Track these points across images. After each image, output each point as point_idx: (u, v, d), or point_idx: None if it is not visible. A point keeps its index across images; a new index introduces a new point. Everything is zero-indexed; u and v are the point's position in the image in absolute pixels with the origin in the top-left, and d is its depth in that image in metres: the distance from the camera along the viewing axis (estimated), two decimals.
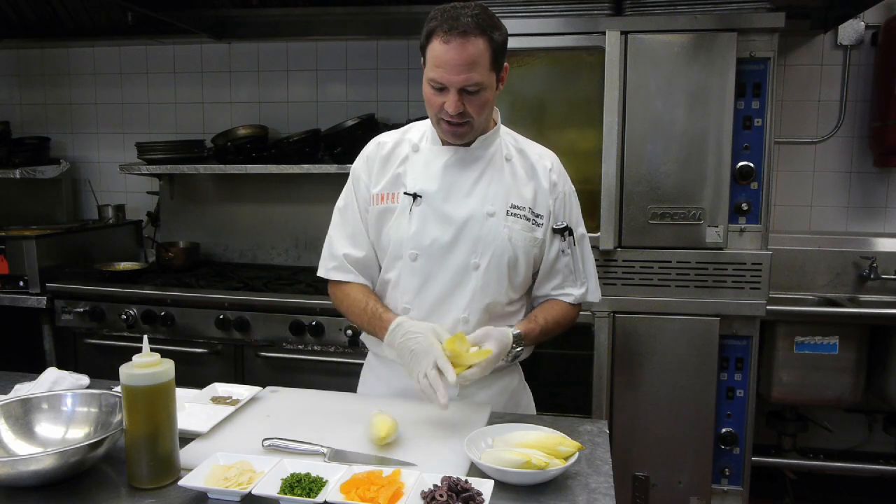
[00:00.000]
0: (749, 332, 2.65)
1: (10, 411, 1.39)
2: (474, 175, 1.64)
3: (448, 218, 1.61)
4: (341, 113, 3.48)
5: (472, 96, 1.51)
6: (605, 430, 1.52)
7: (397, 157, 1.68)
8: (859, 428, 3.25)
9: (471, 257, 1.61)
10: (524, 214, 1.64)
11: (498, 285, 1.63)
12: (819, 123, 3.25)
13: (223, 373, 2.90)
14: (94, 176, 3.91)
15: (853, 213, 3.28)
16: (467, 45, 1.45)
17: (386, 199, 1.66)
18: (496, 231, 1.61)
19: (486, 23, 1.48)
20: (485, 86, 1.51)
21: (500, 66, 1.55)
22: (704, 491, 2.68)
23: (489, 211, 1.61)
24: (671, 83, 2.52)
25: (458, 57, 1.46)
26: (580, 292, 1.73)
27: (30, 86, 3.94)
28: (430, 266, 1.62)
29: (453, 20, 1.46)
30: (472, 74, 1.47)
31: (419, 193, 1.62)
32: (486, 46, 1.48)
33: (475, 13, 1.48)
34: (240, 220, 3.68)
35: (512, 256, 1.62)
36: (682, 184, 2.56)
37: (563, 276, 1.71)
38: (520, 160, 1.69)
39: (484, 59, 1.48)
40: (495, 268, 1.62)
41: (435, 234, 1.61)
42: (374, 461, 1.31)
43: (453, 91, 1.49)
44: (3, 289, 3.10)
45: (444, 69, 1.48)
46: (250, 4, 3.36)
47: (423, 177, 1.64)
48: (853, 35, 3.14)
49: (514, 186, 1.65)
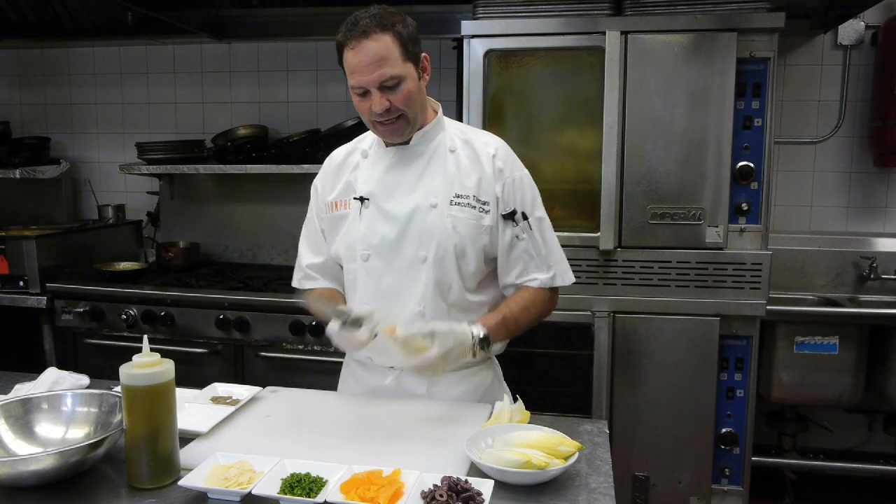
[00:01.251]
0: (749, 332, 2.65)
1: (10, 411, 1.39)
2: (417, 171, 1.66)
3: (393, 215, 1.65)
4: (341, 113, 3.48)
5: (393, 91, 1.53)
6: (605, 430, 1.52)
7: (349, 166, 1.75)
8: (859, 428, 3.25)
9: (419, 250, 1.63)
10: (468, 203, 1.64)
11: (448, 276, 1.64)
12: (819, 123, 3.25)
13: (223, 373, 2.90)
14: (94, 176, 3.91)
15: (853, 213, 3.28)
16: (371, 44, 1.49)
17: (339, 206, 1.73)
18: (439, 221, 1.62)
19: (386, 19, 1.52)
20: (402, 77, 1.53)
21: (417, 57, 1.58)
22: (704, 491, 2.68)
23: (432, 202, 1.63)
24: (671, 83, 2.52)
25: (366, 57, 1.50)
26: (546, 276, 1.71)
27: (30, 86, 3.94)
28: (382, 264, 1.66)
29: (353, 25, 1.51)
30: (385, 70, 1.50)
31: (366, 196, 1.67)
32: (391, 39, 1.51)
33: (373, 13, 1.52)
34: (240, 220, 3.68)
35: (458, 245, 1.63)
36: (682, 184, 2.56)
37: (525, 263, 1.70)
38: (464, 150, 1.69)
39: (393, 53, 1.51)
40: (442, 258, 1.63)
41: (383, 231, 1.65)
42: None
43: (374, 90, 1.53)
44: (3, 289, 3.10)
45: (358, 73, 1.52)
46: (250, 4, 3.36)
47: (369, 180, 1.69)
48: (853, 35, 3.14)
49: (458, 176, 1.66)
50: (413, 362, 1.47)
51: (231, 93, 3.70)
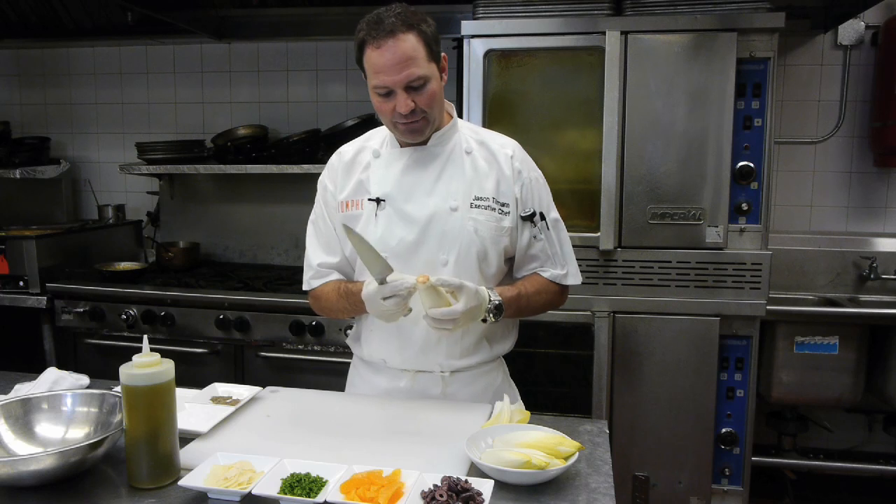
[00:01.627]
0: (749, 332, 2.65)
1: (10, 411, 1.39)
2: (434, 172, 1.65)
3: (412, 217, 1.62)
4: (341, 113, 3.48)
5: (418, 91, 1.52)
6: (605, 430, 1.52)
7: (359, 165, 1.71)
8: (859, 428, 3.25)
9: (438, 254, 1.62)
10: (488, 205, 1.64)
11: (469, 279, 1.61)
12: (819, 123, 3.25)
13: (223, 373, 2.90)
14: (94, 176, 3.91)
15: (853, 213, 3.28)
16: (399, 44, 1.47)
17: (351, 206, 1.69)
18: (461, 225, 1.61)
19: (411, 18, 1.49)
20: (428, 78, 1.52)
21: (438, 57, 1.56)
22: (704, 491, 2.68)
23: (452, 206, 1.62)
24: (671, 83, 2.52)
25: (393, 57, 1.47)
26: (560, 272, 1.72)
27: (30, 86, 3.94)
28: (399, 267, 1.61)
29: (378, 24, 1.48)
30: (413, 70, 1.48)
31: (382, 197, 1.64)
32: (417, 39, 1.49)
33: (398, 12, 1.49)
34: (240, 221, 3.68)
35: (480, 249, 1.63)
36: (682, 184, 2.56)
37: (541, 261, 1.71)
38: (480, 151, 1.68)
39: (419, 53, 1.49)
40: (464, 262, 1.62)
41: (400, 234, 1.62)
42: None
43: (400, 91, 1.50)
44: (3, 289, 3.10)
45: (384, 73, 1.49)
46: (250, 4, 3.36)
47: (385, 180, 1.66)
48: (853, 35, 3.14)
49: (476, 178, 1.65)
50: (438, 312, 1.46)
51: (231, 93, 3.70)
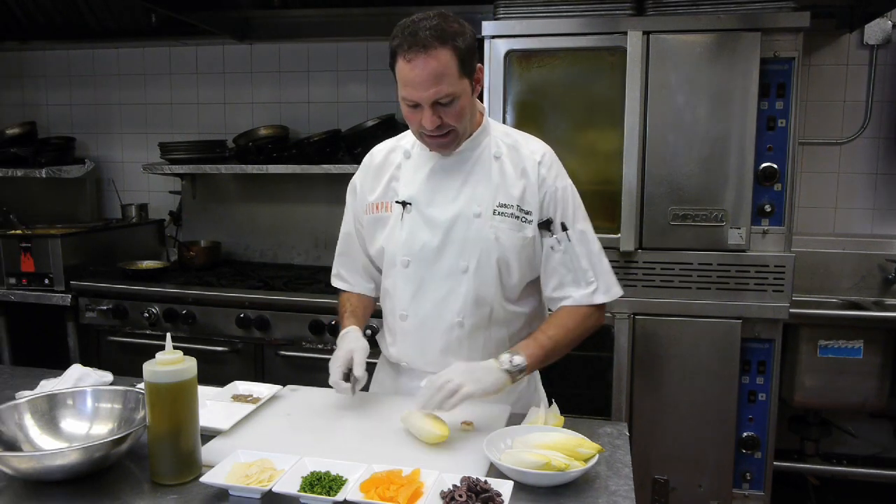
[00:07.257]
0: (771, 336, 2.61)
1: (36, 407, 1.41)
2: (461, 177, 1.62)
3: (435, 222, 1.61)
4: (362, 113, 3.49)
5: (446, 108, 1.48)
6: (625, 433, 1.51)
7: (390, 165, 1.70)
8: (884, 433, 3.20)
9: (459, 260, 1.60)
10: (512, 213, 1.60)
11: (489, 288, 1.60)
12: (844, 124, 3.20)
13: (243, 371, 2.92)
14: (118, 175, 3.95)
15: (878, 216, 3.23)
16: (430, 60, 1.42)
17: (380, 208, 1.69)
18: (482, 232, 1.59)
19: (446, 32, 1.43)
20: (457, 94, 1.47)
21: (472, 70, 1.51)
22: (725, 495, 2.65)
23: (475, 212, 1.59)
24: (693, 83, 2.50)
25: (423, 73, 1.42)
26: (583, 293, 1.63)
27: (56, 86, 4.00)
28: (422, 272, 1.62)
29: (412, 36, 1.42)
30: (442, 87, 1.44)
31: (408, 201, 1.63)
32: (450, 56, 1.43)
33: (433, 24, 1.43)
34: (260, 220, 3.71)
35: (501, 257, 1.59)
36: (704, 185, 2.53)
37: (560, 277, 1.63)
38: (510, 156, 1.64)
39: (451, 70, 1.44)
40: (485, 269, 1.59)
41: (424, 238, 1.61)
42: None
43: (427, 107, 1.46)
44: (29, 286, 3.15)
45: (412, 87, 1.45)
46: (272, 6, 3.38)
47: (412, 184, 1.65)
48: (879, 34, 3.09)
49: (503, 184, 1.61)
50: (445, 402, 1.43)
51: (252, 93, 3.73)
